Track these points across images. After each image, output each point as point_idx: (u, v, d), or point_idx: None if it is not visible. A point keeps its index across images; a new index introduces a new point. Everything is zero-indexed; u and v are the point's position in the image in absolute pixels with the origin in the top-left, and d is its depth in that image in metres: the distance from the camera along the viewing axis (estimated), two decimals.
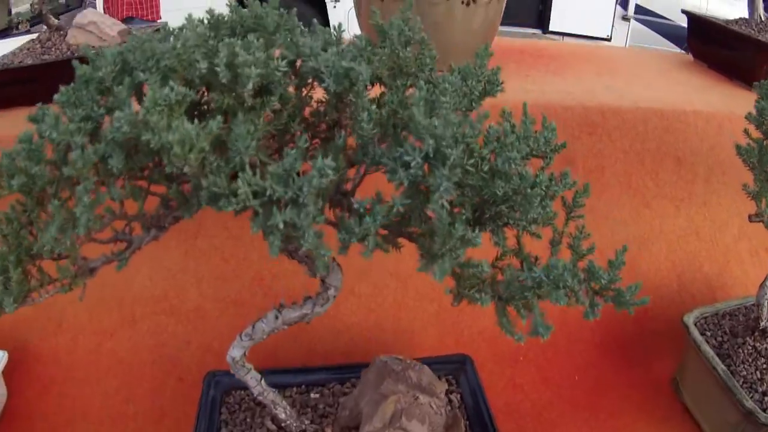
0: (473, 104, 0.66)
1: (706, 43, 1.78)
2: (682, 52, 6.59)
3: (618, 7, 5.96)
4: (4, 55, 1.47)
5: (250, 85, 0.51)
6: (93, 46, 0.82)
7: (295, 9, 0.64)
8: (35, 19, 6.36)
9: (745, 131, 1.02)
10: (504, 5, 1.39)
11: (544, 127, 0.66)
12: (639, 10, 6.16)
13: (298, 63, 0.59)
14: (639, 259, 1.36)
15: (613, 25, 5.96)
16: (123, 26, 1.46)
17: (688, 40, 1.87)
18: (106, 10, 4.15)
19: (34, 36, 1.54)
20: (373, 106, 0.56)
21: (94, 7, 4.17)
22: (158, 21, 4.25)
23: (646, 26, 6.48)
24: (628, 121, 1.35)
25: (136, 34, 1.16)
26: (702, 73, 1.68)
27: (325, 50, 0.57)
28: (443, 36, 1.17)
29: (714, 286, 1.37)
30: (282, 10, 0.64)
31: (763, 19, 1.61)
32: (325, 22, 5.73)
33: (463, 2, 1.11)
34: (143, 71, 0.53)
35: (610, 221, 1.35)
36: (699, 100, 1.44)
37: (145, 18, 4.11)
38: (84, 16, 1.45)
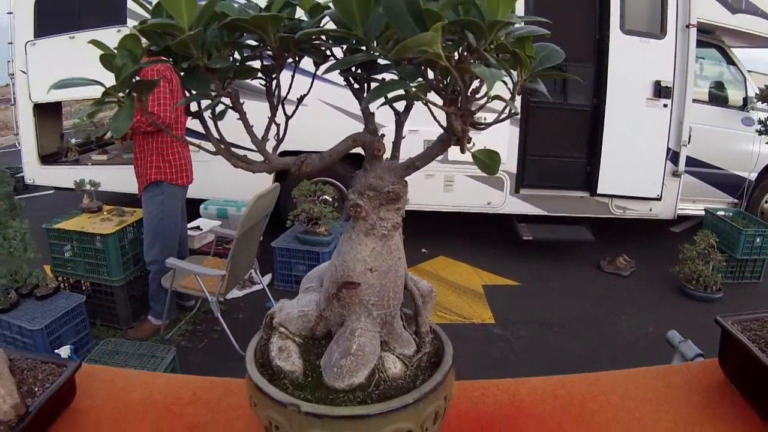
0: None
1: (739, 370, 1.34)
2: (735, 201, 6.39)
3: (668, 163, 5.75)
4: None
5: None
6: None
7: None
8: (85, 147, 6.72)
9: None
10: None
11: None
12: (690, 162, 5.91)
13: None
14: None
15: (663, 183, 5.73)
16: (18, 399, 1.25)
17: (719, 354, 1.43)
18: (137, 168, 4.22)
19: None
20: None
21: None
22: (187, 184, 4.33)
23: (698, 178, 6.23)
24: None
25: None
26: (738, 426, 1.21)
27: None
28: None
29: None
30: None
31: None
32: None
33: None
34: None
35: None
36: None
37: (173, 182, 4.17)
38: None
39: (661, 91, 5.54)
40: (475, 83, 0.71)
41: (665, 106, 5.58)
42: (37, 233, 5.37)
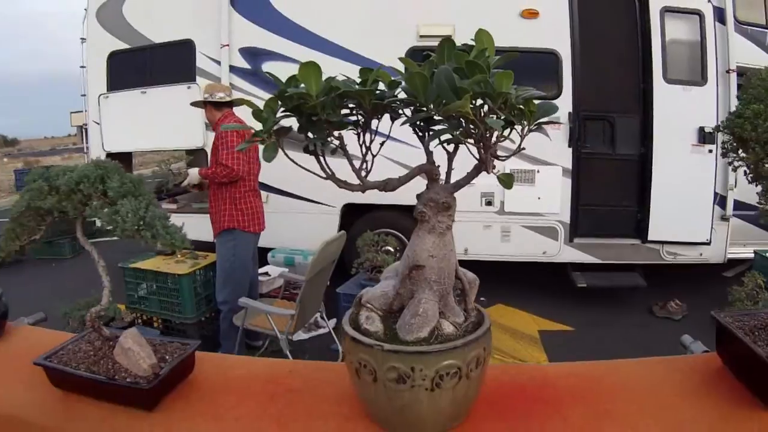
0: None
1: (731, 354, 1.68)
2: None
3: (716, 207, 6.01)
4: (62, 345, 1.73)
5: None
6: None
7: None
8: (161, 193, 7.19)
9: None
10: (480, 380, 1.41)
11: None
12: (738, 205, 6.16)
13: None
14: None
15: (712, 228, 5.98)
16: (155, 360, 1.62)
17: (716, 345, 1.82)
18: (212, 215, 4.71)
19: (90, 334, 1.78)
20: None
21: None
22: (258, 231, 4.76)
23: (747, 221, 6.40)
24: None
25: None
26: (726, 396, 1.56)
27: None
28: (413, 415, 1.30)
29: None
30: None
31: None
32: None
33: (427, 389, 1.24)
34: None
35: None
36: None
37: (245, 229, 4.60)
38: (126, 338, 1.64)
39: (705, 136, 5.85)
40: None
41: (710, 151, 5.89)
42: (112, 272, 5.90)
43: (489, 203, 6.24)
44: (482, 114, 1.09)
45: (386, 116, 1.27)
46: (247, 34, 6.57)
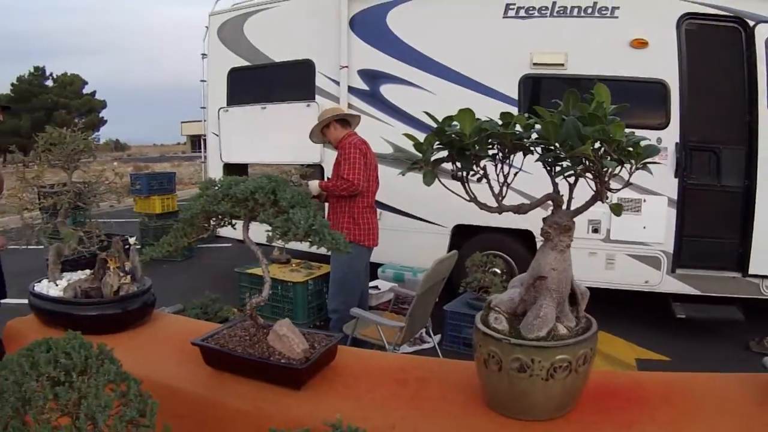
0: None
1: None
2: None
3: None
4: (217, 330, 2.06)
5: None
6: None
7: None
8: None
9: None
10: (585, 375, 1.65)
11: None
12: None
13: None
14: None
15: None
16: (307, 346, 1.93)
17: None
18: (330, 227, 4.91)
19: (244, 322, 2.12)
20: None
21: None
22: (373, 246, 5.02)
23: None
24: None
25: None
26: None
27: None
28: (528, 400, 1.57)
29: None
30: None
31: None
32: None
33: (543, 378, 1.50)
34: None
35: None
36: None
37: (361, 243, 4.88)
38: (281, 326, 1.95)
39: None
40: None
41: None
42: (222, 277, 6.32)
43: (596, 230, 6.27)
44: (599, 155, 1.38)
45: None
46: (365, 56, 6.83)
